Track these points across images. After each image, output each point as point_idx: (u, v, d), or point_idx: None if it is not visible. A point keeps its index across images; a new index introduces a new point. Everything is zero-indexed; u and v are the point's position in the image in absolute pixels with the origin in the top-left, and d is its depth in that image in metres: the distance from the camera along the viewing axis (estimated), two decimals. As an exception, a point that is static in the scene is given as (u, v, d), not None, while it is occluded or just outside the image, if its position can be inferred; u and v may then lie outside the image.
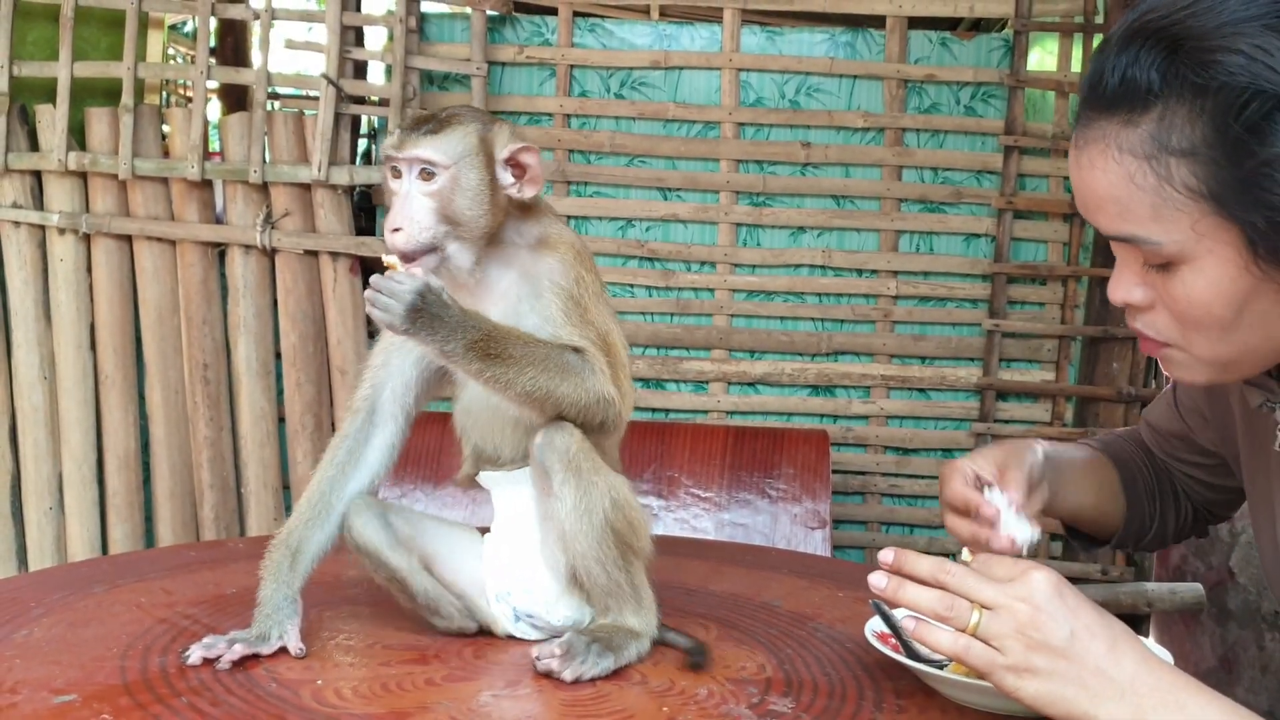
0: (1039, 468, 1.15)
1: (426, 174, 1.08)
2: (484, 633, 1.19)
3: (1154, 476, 1.33)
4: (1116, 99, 0.87)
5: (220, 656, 1.06)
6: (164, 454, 2.73)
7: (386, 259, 1.06)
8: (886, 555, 0.92)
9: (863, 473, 2.90)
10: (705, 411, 2.90)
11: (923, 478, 2.91)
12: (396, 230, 1.07)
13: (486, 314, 1.10)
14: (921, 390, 2.90)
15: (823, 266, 2.87)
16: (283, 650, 1.09)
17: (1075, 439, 2.78)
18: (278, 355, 2.75)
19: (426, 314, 1.01)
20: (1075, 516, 1.31)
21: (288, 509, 2.76)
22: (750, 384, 2.91)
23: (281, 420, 2.76)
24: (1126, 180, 0.87)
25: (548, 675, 1.04)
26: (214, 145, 3.41)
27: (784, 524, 2.48)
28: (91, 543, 2.73)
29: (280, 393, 2.77)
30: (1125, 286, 0.94)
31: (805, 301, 2.89)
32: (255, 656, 1.08)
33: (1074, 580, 1.16)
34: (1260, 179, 0.82)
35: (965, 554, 0.95)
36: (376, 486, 1.19)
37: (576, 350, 1.10)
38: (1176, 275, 0.89)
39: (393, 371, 1.18)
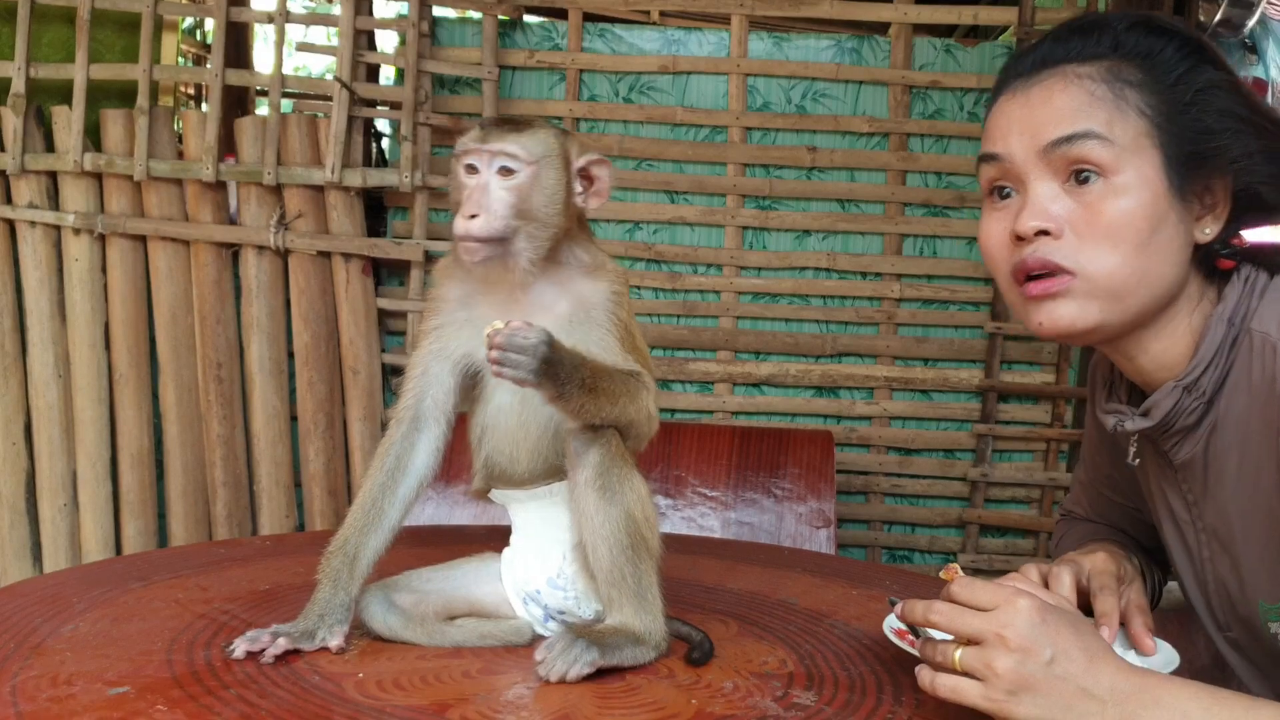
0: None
1: (506, 170, 1.11)
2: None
3: (1139, 547, 1.36)
4: (1071, 50, 1.04)
5: (264, 650, 1.09)
6: (177, 452, 2.77)
7: (490, 326, 1.05)
8: (898, 609, 0.99)
9: (865, 472, 2.95)
10: (711, 412, 2.94)
11: (924, 477, 2.96)
12: (473, 216, 1.10)
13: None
14: (924, 391, 2.95)
15: (827, 269, 2.91)
16: (322, 646, 1.13)
17: (1074, 439, 2.84)
18: (290, 355, 2.80)
19: (553, 361, 1.04)
20: None
21: (299, 506, 2.82)
22: (755, 385, 2.95)
23: (294, 419, 2.80)
24: (1087, 95, 1.02)
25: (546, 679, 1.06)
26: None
27: (789, 523, 2.52)
28: (105, 539, 2.77)
29: (293, 392, 2.81)
30: (1041, 210, 1.02)
31: (810, 304, 2.93)
32: (296, 651, 1.12)
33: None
34: (1189, 108, 1.01)
35: (943, 572, 1.00)
36: (425, 488, 1.22)
37: (634, 374, 1.16)
38: (1105, 185, 1.01)
39: (431, 380, 1.22)
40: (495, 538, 1.30)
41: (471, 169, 1.12)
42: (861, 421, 2.95)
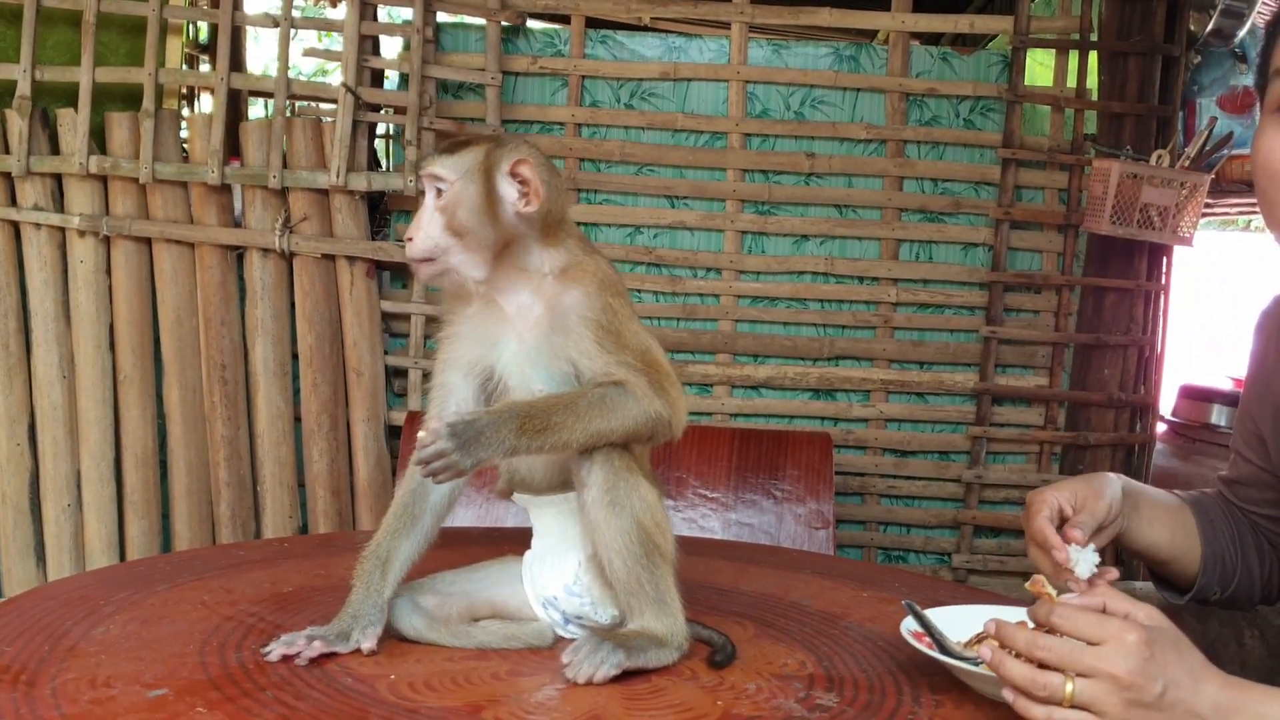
0: (1117, 502, 1.25)
1: (439, 190, 1.18)
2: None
3: (1233, 523, 1.39)
4: None
5: (299, 653, 1.12)
6: (181, 452, 2.79)
7: (421, 433, 1.11)
8: (990, 626, 1.00)
9: (862, 474, 2.99)
10: (710, 414, 2.98)
11: (920, 479, 3.00)
12: (410, 239, 1.18)
13: (521, 338, 1.18)
14: (919, 394, 2.99)
15: (825, 274, 2.95)
16: (355, 647, 1.16)
17: (1066, 442, 2.89)
18: (294, 356, 2.81)
19: (470, 441, 1.07)
20: (1150, 553, 1.36)
21: (303, 507, 2.84)
22: (754, 387, 2.99)
23: (297, 420, 2.83)
24: None
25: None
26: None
27: (789, 524, 2.56)
28: (109, 539, 2.79)
29: (297, 393, 2.83)
30: None
31: (808, 307, 2.97)
32: (330, 653, 1.14)
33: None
34: None
35: (1030, 584, 1.03)
36: (458, 493, 1.26)
37: (616, 383, 1.15)
38: None
39: (450, 388, 1.25)
40: (503, 541, 1.33)
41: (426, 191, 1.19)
42: (858, 424, 2.99)
